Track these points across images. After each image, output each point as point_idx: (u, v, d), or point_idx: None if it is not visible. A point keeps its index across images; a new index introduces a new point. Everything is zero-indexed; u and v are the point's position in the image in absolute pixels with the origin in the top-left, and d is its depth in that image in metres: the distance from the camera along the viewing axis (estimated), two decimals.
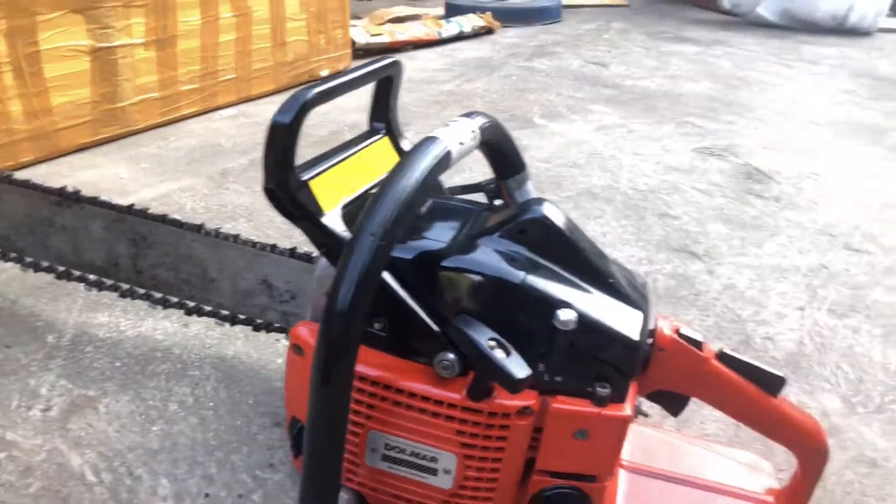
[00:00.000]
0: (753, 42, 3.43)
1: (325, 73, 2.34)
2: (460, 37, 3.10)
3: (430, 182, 0.61)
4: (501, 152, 0.73)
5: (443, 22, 3.09)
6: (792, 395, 0.94)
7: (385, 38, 2.74)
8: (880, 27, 3.82)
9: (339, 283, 0.54)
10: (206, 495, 0.72)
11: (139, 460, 0.75)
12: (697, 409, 0.89)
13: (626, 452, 0.78)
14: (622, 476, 0.76)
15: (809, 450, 0.71)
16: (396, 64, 0.73)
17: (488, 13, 3.31)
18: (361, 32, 2.66)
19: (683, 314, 1.11)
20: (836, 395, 0.95)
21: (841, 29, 3.73)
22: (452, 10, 3.41)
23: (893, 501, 0.78)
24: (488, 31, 3.28)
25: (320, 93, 0.60)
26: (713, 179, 1.68)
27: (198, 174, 1.54)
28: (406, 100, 2.16)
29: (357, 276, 0.54)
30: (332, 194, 0.66)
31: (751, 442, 0.85)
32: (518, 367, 0.59)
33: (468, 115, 0.67)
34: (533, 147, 1.82)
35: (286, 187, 0.61)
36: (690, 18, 4.06)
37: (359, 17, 3.11)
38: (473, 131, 0.65)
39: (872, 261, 1.33)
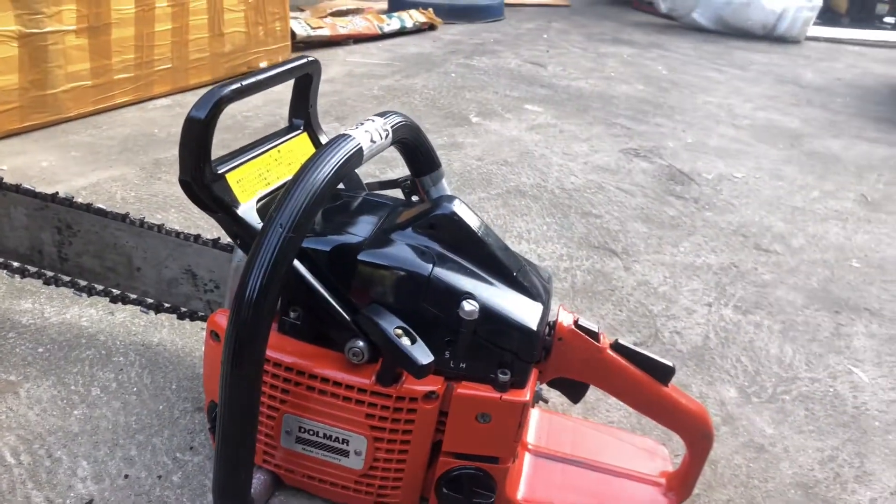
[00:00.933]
0: (688, 46, 3.55)
1: (263, 64, 2.34)
2: (402, 32, 3.12)
3: (343, 177, 0.64)
4: (416, 151, 0.77)
5: (385, 17, 3.11)
6: (693, 385, 1.01)
7: (326, 32, 2.75)
8: (808, 35, 3.99)
9: (248, 272, 0.57)
10: (126, 476, 0.74)
11: (59, 443, 0.77)
12: (603, 399, 0.95)
13: (533, 437, 0.83)
14: (527, 458, 0.80)
15: (697, 434, 0.76)
16: (314, 63, 0.76)
17: (430, 9, 3.34)
18: (302, 25, 2.67)
19: (598, 308, 1.17)
20: (734, 386, 1.02)
21: (771, 37, 3.89)
22: (396, 6, 3.44)
23: (776, 483, 0.85)
24: (430, 27, 3.31)
25: (235, 90, 0.63)
26: (637, 180, 1.75)
27: (130, 163, 1.54)
28: (345, 94, 2.19)
29: (265, 266, 0.57)
30: (249, 187, 0.69)
31: (651, 429, 0.91)
32: (422, 354, 0.64)
33: (382, 114, 0.71)
34: (467, 144, 1.87)
35: (201, 180, 0.64)
36: (629, 21, 4.16)
37: (301, 10, 3.10)
38: (386, 130, 0.68)
39: (779, 260, 1.41)
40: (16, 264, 0.95)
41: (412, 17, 3.22)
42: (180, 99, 1.99)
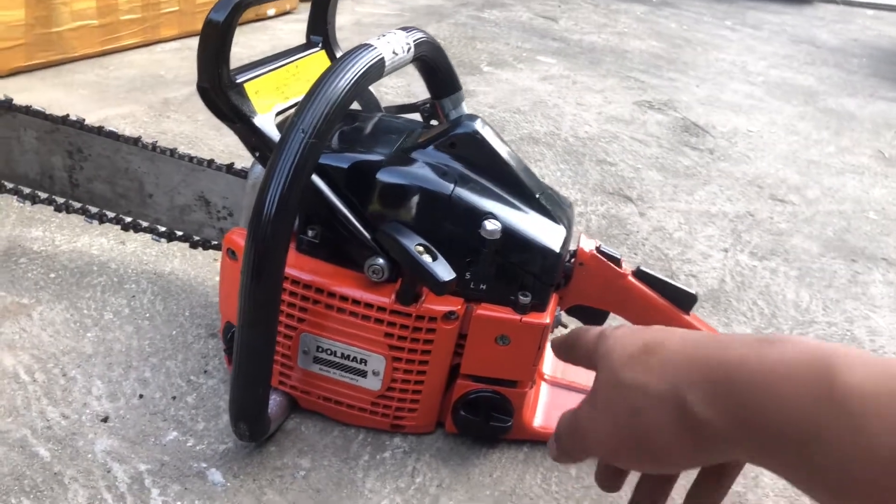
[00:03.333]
0: (701, 5, 3.49)
1: (271, 12, 2.30)
2: None
3: (365, 87, 0.62)
4: (436, 71, 0.75)
5: None
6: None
7: None
8: None
9: (269, 179, 0.56)
10: (141, 396, 0.73)
11: (73, 363, 0.76)
12: None
13: (549, 368, 0.82)
14: (543, 388, 0.80)
15: None
16: None
17: None
18: None
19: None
20: (750, 328, 1.01)
21: None
22: None
23: None
24: None
25: None
26: (651, 131, 1.73)
27: (138, 102, 1.51)
28: (355, 41, 2.15)
29: (287, 172, 0.55)
30: (267, 99, 0.67)
31: None
32: (444, 271, 0.62)
33: (405, 28, 0.69)
34: (479, 92, 1.84)
35: (220, 86, 0.62)
36: None
37: None
38: (408, 43, 0.66)
39: (795, 210, 1.40)
40: (26, 190, 0.93)
41: None
42: (188, 42, 1.96)
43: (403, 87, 1.71)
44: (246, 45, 1.95)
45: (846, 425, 0.33)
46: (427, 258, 0.63)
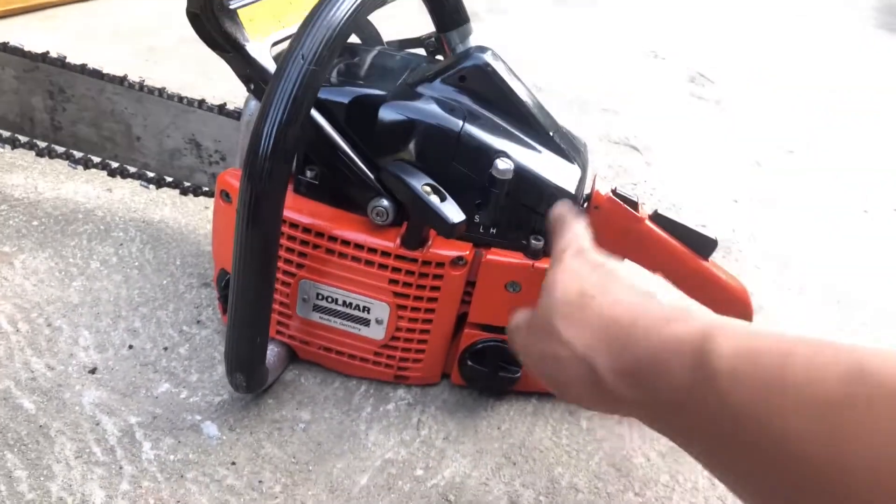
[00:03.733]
0: None
1: None
2: None
3: (368, 12, 0.58)
4: (443, 1, 0.70)
5: None
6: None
7: None
8: None
9: (266, 111, 0.51)
10: (130, 347, 0.70)
11: (58, 313, 0.72)
12: None
13: None
14: None
15: (735, 312, 0.72)
16: None
17: None
18: None
19: None
20: (765, 276, 0.98)
21: None
22: None
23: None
24: None
25: None
26: (658, 79, 1.68)
27: (123, 46, 1.45)
28: None
29: (286, 103, 0.51)
30: (262, 27, 0.62)
31: None
32: (453, 212, 0.58)
33: None
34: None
35: (211, 11, 0.57)
36: None
37: None
38: None
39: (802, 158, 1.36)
40: (5, 134, 0.88)
41: None
42: None
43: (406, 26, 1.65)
44: None
45: (713, 393, 0.36)
46: (435, 199, 0.59)
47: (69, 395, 0.63)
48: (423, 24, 0.76)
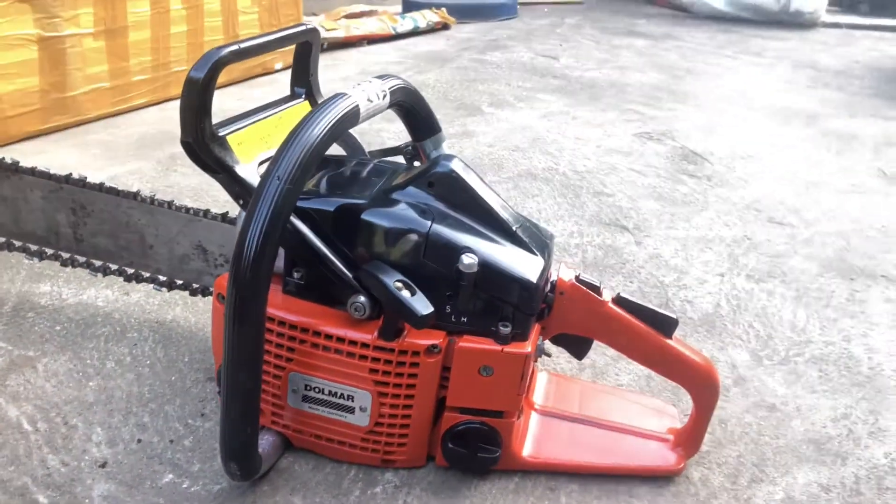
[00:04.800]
0: (703, 36, 3.53)
1: (278, 66, 2.37)
2: (415, 32, 3.15)
3: (339, 134, 0.65)
4: (415, 114, 0.78)
5: (398, 17, 3.13)
6: (704, 351, 1.00)
7: (340, 33, 2.77)
8: (824, 21, 3.95)
9: (247, 225, 0.59)
10: (139, 441, 0.76)
11: (74, 411, 0.79)
12: (612, 362, 0.95)
13: (540, 398, 0.84)
14: (533, 418, 0.81)
15: (702, 387, 0.76)
16: (313, 30, 0.77)
17: (443, 9, 3.36)
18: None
19: (609, 280, 1.17)
20: (746, 350, 1.02)
21: (785, 15, 3.86)
22: (409, 7, 3.46)
23: (787, 440, 0.84)
24: (444, 26, 3.33)
25: (233, 52, 0.65)
26: (650, 161, 1.75)
27: (147, 158, 1.57)
28: None
29: (264, 218, 0.58)
30: (250, 149, 0.70)
31: (660, 391, 0.91)
32: (422, 305, 0.65)
33: (380, 76, 0.72)
34: (479, 133, 1.88)
35: (202, 140, 0.66)
36: (643, 13, 4.15)
37: (315, 15, 3.14)
38: (384, 91, 0.69)
39: (793, 232, 1.40)
40: (34, 247, 0.97)
41: (425, 17, 3.24)
42: None
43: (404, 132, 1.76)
44: (251, 98, 2.01)
45: None
46: (406, 293, 0.65)
47: (80, 490, 0.69)
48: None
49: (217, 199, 1.35)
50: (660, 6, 4.38)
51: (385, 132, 1.77)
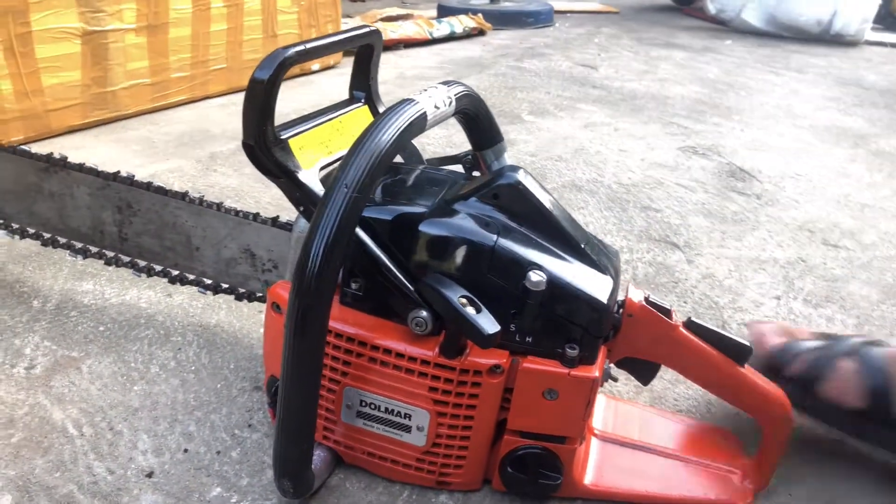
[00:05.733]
0: (743, 50, 3.47)
1: (315, 66, 2.36)
2: (451, 37, 3.12)
3: (407, 141, 0.63)
4: (478, 122, 0.75)
5: (434, 22, 3.11)
6: None
7: None
8: (868, 39, 3.87)
9: (313, 234, 0.56)
10: (185, 451, 0.73)
11: (120, 417, 0.77)
12: (671, 387, 0.91)
13: (599, 423, 0.80)
14: (593, 443, 0.77)
15: (774, 418, 0.72)
16: (376, 33, 0.75)
17: (479, 15, 3.34)
18: None
19: (662, 300, 1.13)
20: None
21: (826, 35, 3.78)
22: (444, 12, 3.44)
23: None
24: (480, 32, 3.30)
25: (299, 51, 0.62)
26: (696, 176, 1.71)
27: (186, 157, 1.55)
28: (397, 94, 2.18)
29: (331, 227, 0.55)
30: (311, 155, 0.68)
31: (722, 419, 0.87)
32: (488, 323, 0.61)
33: (446, 83, 0.69)
34: (520, 141, 1.85)
35: (264, 143, 0.63)
36: (680, 26, 4.10)
37: (350, 17, 3.13)
38: (449, 97, 0.67)
39: (850, 256, 1.36)
40: (78, 245, 0.96)
41: (462, 23, 3.22)
42: (235, 98, 2.02)
43: (445, 138, 1.73)
44: (291, 99, 1.99)
45: None
46: (471, 310, 0.62)
47: (127, 500, 0.66)
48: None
49: (259, 200, 1.33)
50: (696, 18, 4.33)
51: (426, 137, 1.75)
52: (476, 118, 0.75)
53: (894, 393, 0.76)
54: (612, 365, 0.74)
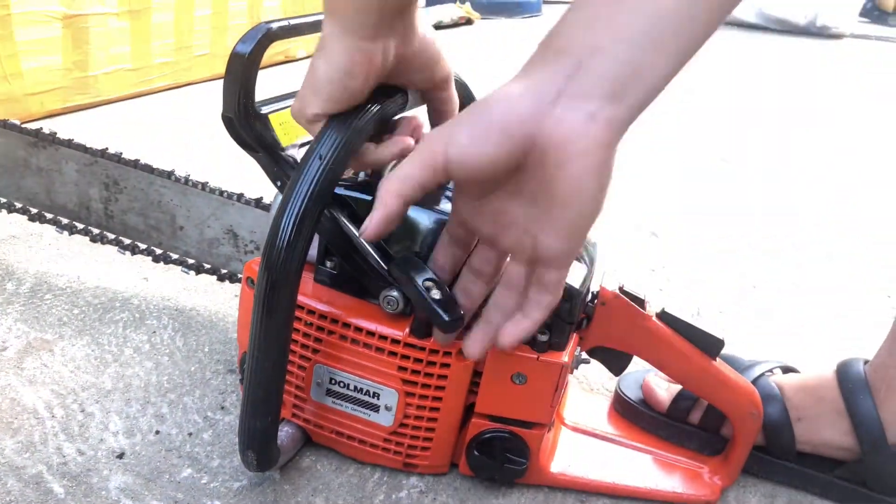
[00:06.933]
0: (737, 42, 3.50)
1: (301, 52, 2.35)
2: (440, 27, 3.12)
3: (387, 115, 0.62)
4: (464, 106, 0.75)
5: (422, 12, 3.10)
6: None
7: None
8: (853, 33, 3.93)
9: (284, 206, 0.56)
10: (157, 432, 0.73)
11: (92, 399, 0.77)
12: None
13: (569, 412, 0.81)
14: (563, 433, 0.78)
15: (742, 413, 0.73)
16: None
17: (467, 4, 3.34)
18: None
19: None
20: None
21: (812, 28, 3.84)
22: (432, 1, 3.44)
23: None
24: (468, 21, 3.30)
25: (283, 27, 0.63)
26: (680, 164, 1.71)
27: (167, 142, 1.55)
28: None
29: (302, 199, 0.55)
30: (291, 131, 0.68)
31: None
32: (450, 309, 0.61)
33: None
34: None
35: (244, 116, 0.63)
36: None
37: None
38: None
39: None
40: (64, 221, 0.95)
41: (449, 13, 3.22)
42: (218, 85, 1.99)
43: None
44: (276, 84, 1.98)
45: None
46: (436, 293, 0.61)
47: (97, 480, 0.66)
48: None
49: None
50: None
51: None
52: (466, 101, 0.75)
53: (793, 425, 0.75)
54: (583, 353, 0.74)
